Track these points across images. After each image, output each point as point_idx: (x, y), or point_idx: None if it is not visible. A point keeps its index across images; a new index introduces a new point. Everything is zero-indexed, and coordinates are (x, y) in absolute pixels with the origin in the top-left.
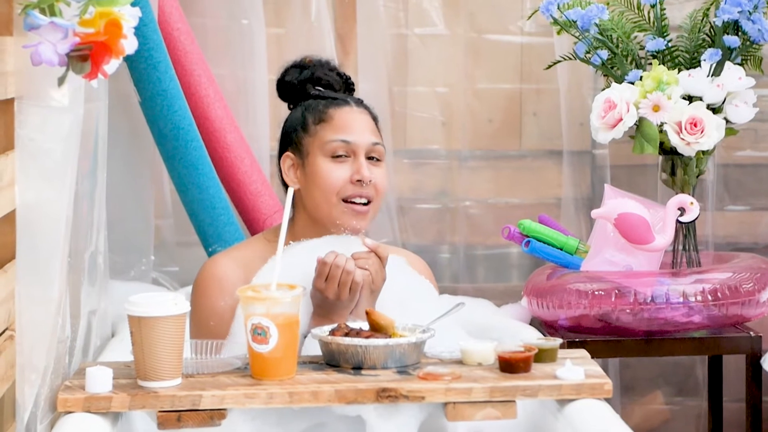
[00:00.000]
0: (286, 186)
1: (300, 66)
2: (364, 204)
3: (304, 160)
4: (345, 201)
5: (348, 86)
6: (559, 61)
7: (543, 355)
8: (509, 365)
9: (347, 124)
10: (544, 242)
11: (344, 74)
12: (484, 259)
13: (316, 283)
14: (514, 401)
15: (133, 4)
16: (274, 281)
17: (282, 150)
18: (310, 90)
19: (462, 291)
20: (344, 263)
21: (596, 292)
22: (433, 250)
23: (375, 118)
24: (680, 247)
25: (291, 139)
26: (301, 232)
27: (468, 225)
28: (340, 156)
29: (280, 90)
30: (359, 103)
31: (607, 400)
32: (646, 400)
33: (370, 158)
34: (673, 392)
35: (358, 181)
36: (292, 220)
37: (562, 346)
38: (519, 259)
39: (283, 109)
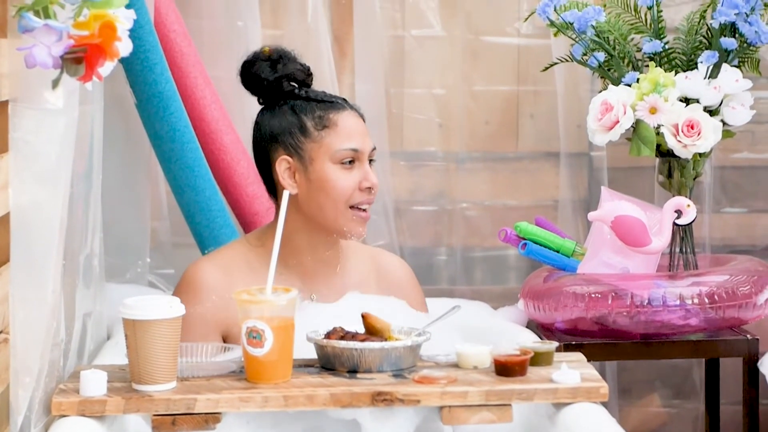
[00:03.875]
0: (269, 187)
1: (267, 59)
2: (365, 210)
3: (308, 166)
4: (352, 207)
5: (308, 78)
6: (556, 63)
7: (539, 359)
8: (505, 368)
9: (352, 131)
10: (541, 245)
11: (306, 65)
12: (481, 261)
13: None
14: (509, 405)
15: (128, 6)
16: (269, 284)
17: (264, 152)
18: (286, 87)
19: (459, 293)
20: None
21: (593, 295)
22: (430, 252)
23: (362, 117)
24: (677, 250)
25: (285, 143)
26: (290, 237)
27: (465, 227)
28: (346, 163)
29: (248, 82)
30: (350, 104)
31: (604, 403)
32: (644, 402)
33: (369, 161)
34: (671, 395)
35: (368, 188)
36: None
37: (558, 349)
38: (516, 261)
39: None
